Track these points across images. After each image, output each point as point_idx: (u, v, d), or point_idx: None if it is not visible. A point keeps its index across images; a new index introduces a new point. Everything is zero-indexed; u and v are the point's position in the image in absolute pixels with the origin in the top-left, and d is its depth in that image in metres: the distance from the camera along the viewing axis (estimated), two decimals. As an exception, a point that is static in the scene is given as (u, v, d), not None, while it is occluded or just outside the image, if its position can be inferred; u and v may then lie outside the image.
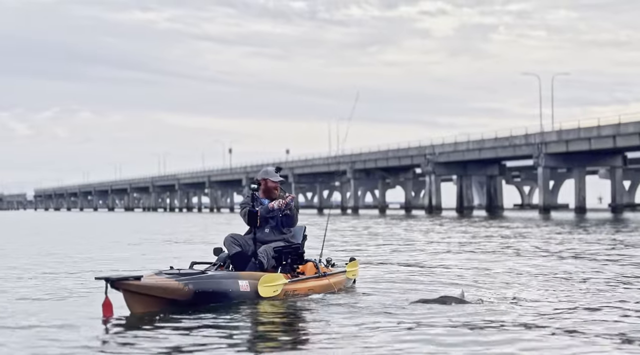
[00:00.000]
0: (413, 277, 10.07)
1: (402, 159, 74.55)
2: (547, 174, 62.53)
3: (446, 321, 6.21)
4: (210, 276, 6.94)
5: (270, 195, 8.05)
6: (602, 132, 55.60)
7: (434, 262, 13.10)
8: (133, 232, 30.77)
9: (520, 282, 9.49)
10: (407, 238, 21.63)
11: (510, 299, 7.65)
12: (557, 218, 48.22)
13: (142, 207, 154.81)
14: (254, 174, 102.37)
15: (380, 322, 6.14)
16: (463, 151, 68.02)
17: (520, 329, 5.93)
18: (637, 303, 7.49)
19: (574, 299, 7.73)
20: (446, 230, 27.86)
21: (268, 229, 7.94)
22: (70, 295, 8.24)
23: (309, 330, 5.87)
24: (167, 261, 10.94)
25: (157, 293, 6.43)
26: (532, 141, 61.35)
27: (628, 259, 13.20)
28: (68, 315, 6.61)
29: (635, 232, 24.90)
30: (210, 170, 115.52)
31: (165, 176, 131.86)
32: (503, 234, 24.10)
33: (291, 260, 7.89)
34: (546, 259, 13.37)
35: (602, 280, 9.64)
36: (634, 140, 54.19)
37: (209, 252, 8.38)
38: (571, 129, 58.38)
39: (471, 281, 9.47)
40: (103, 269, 11.83)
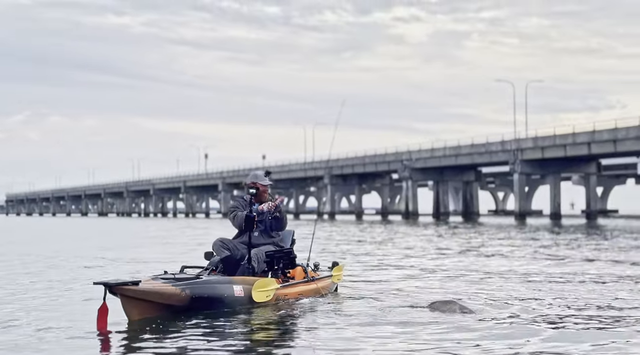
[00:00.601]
0: (405, 285, 10.13)
1: (379, 165, 74.83)
2: (522, 180, 63.12)
3: (435, 325, 6.29)
4: (206, 281, 6.91)
5: (260, 199, 8.06)
6: (577, 139, 56.23)
7: (427, 266, 13.21)
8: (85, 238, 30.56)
9: (510, 286, 9.60)
10: (411, 245, 21.72)
11: (501, 302, 7.76)
12: (536, 224, 48.64)
13: (116, 212, 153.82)
14: (230, 179, 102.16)
15: (370, 327, 6.20)
16: (440, 157, 68.43)
17: (511, 331, 6.03)
18: (626, 305, 7.64)
19: (569, 302, 7.85)
20: (441, 236, 28.01)
21: (257, 232, 7.93)
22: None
23: (302, 336, 5.86)
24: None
25: (155, 298, 6.39)
26: (508, 148, 61.89)
27: (623, 264, 13.41)
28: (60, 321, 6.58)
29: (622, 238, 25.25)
30: (185, 175, 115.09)
31: (140, 181, 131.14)
32: (506, 242, 24.29)
33: (283, 265, 7.90)
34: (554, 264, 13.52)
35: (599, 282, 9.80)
36: (608, 147, 54.89)
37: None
38: (547, 135, 58.98)
39: (459, 287, 9.52)
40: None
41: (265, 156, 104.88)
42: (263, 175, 8.18)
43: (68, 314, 7.02)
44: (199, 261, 8.68)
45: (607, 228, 37.70)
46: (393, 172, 75.94)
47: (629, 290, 9.02)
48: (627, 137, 52.89)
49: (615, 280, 10.25)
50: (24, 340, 5.68)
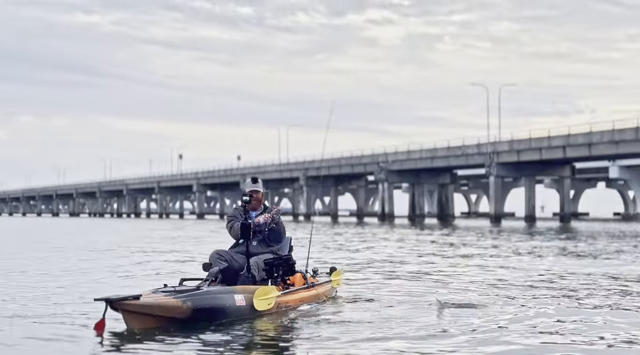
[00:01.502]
0: (402, 285, 10.18)
1: (355, 167, 75.02)
2: (498, 183, 63.65)
3: (437, 328, 6.37)
4: (207, 292, 6.88)
5: (254, 207, 8.02)
6: (552, 142, 56.83)
7: (421, 269, 13.33)
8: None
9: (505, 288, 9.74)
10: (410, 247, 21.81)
11: (498, 303, 7.88)
12: (513, 226, 49.10)
13: (88, 213, 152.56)
14: (205, 180, 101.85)
15: (373, 332, 6.25)
16: (416, 159, 68.78)
17: (511, 333, 6.11)
18: (615, 306, 7.80)
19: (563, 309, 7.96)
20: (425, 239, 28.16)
21: (255, 242, 7.89)
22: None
23: (305, 344, 5.87)
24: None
25: (156, 312, 6.37)
26: (484, 150, 62.38)
27: (612, 264, 13.62)
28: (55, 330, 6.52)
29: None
30: (160, 176, 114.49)
31: (113, 181, 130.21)
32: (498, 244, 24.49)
33: (282, 272, 7.86)
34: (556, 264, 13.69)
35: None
36: (583, 151, 55.55)
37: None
38: (523, 139, 59.53)
39: (458, 289, 9.60)
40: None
41: (240, 157, 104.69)
42: (251, 182, 8.11)
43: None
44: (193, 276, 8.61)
45: (585, 231, 38.17)
46: (369, 174, 76.19)
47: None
48: (601, 141, 53.57)
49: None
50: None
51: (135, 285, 9.84)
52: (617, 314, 6.98)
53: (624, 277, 11.32)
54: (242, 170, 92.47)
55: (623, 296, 8.84)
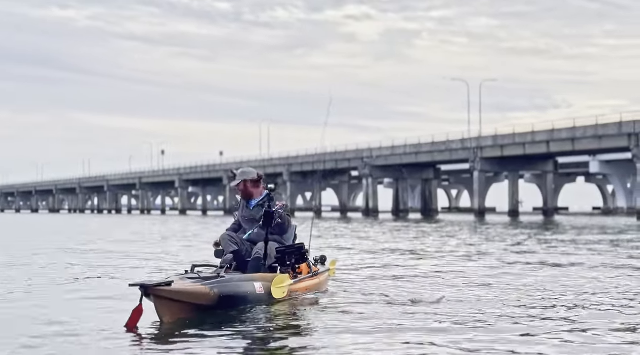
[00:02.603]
0: (395, 280, 10.23)
1: (340, 162, 75.19)
2: (482, 178, 64.10)
3: (430, 321, 6.43)
4: (230, 279, 6.92)
5: (251, 196, 8.02)
6: (536, 137, 57.32)
7: (411, 264, 13.49)
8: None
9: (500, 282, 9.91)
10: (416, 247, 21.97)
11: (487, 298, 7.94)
12: (500, 221, 49.48)
13: (68, 209, 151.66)
14: (187, 176, 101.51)
15: (376, 322, 6.33)
16: (400, 155, 69.06)
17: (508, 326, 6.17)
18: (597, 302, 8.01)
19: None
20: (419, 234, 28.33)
21: (256, 229, 7.87)
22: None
23: (317, 334, 5.88)
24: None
25: (187, 298, 6.39)
26: (468, 146, 62.78)
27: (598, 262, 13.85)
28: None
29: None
30: (141, 172, 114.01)
31: (93, 177, 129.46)
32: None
33: (295, 261, 7.88)
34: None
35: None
36: (566, 145, 56.11)
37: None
38: (506, 134, 59.98)
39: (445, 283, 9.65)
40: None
41: (222, 153, 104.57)
42: (252, 171, 8.13)
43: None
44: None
45: (579, 224, 38.59)
46: (353, 169, 76.39)
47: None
48: (584, 136, 54.15)
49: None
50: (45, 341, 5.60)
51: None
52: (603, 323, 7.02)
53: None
54: (225, 166, 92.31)
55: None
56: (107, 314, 6.75)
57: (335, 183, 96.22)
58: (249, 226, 7.95)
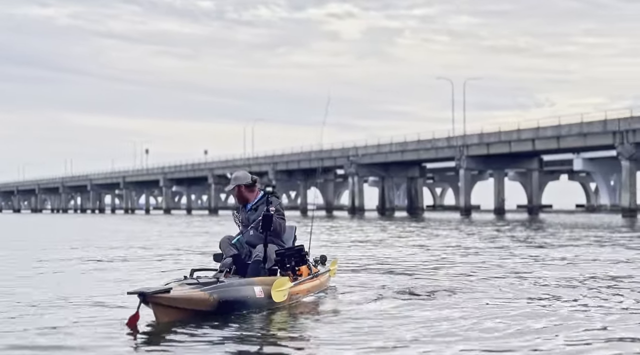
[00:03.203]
0: (390, 273, 10.29)
1: (326, 160, 75.18)
2: (468, 176, 64.32)
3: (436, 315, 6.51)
4: (230, 284, 6.87)
5: (246, 200, 7.99)
6: (522, 135, 57.59)
7: (408, 259, 13.51)
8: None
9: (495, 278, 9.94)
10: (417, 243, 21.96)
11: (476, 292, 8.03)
12: (486, 219, 49.65)
13: (50, 209, 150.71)
14: (172, 175, 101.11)
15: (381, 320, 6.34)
16: (386, 153, 69.16)
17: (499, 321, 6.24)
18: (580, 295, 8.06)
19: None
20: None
21: (252, 231, 7.84)
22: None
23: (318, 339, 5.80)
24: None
25: (186, 305, 6.37)
26: (454, 144, 62.97)
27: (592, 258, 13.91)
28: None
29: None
30: (125, 171, 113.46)
31: (76, 176, 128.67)
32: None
33: (295, 263, 7.86)
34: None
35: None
36: (552, 143, 56.42)
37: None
38: (492, 132, 60.21)
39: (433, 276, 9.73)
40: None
41: (207, 151, 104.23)
42: (246, 175, 8.04)
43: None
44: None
45: (582, 224, 38.76)
46: (339, 167, 76.39)
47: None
48: (569, 134, 54.46)
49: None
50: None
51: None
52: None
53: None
54: (210, 164, 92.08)
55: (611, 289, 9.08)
56: (105, 320, 6.66)
57: (320, 181, 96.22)
58: (244, 229, 7.89)
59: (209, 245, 18.09)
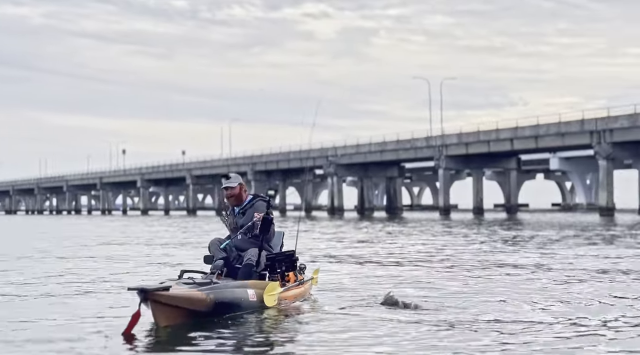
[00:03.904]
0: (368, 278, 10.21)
1: (304, 161, 75.12)
2: (447, 176, 64.57)
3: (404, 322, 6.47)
4: (225, 286, 6.87)
5: (237, 203, 7.95)
6: (500, 135, 57.93)
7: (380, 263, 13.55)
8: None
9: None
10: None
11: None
12: (465, 219, 49.87)
13: (25, 210, 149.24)
14: (149, 176, 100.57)
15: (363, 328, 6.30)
16: (365, 153, 69.26)
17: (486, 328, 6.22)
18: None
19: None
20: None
21: (240, 235, 7.80)
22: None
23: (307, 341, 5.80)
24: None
25: (184, 304, 6.35)
26: (433, 144, 63.21)
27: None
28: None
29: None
30: (102, 172, 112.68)
31: (52, 177, 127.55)
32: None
33: (285, 268, 7.86)
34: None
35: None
36: (530, 143, 56.80)
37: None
38: (471, 132, 60.50)
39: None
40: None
41: (184, 152, 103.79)
42: (233, 176, 8.02)
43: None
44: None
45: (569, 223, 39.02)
46: (318, 167, 76.39)
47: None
48: (547, 134, 54.86)
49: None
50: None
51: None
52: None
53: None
54: (189, 165, 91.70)
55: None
56: (104, 319, 6.67)
57: (297, 182, 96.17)
58: (233, 233, 7.86)
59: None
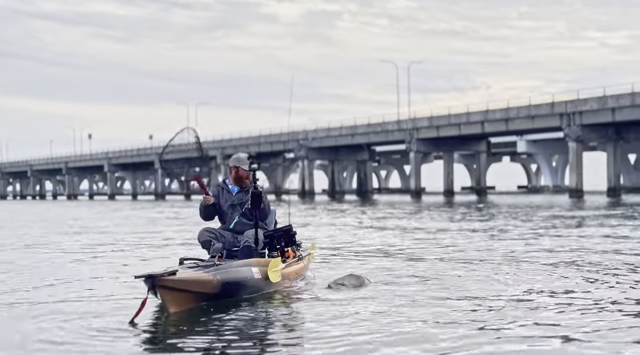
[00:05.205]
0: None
1: (275, 144, 75.06)
2: (419, 159, 64.93)
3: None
4: (230, 266, 6.83)
5: (241, 184, 7.86)
6: (471, 118, 58.40)
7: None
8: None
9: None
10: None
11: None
12: (437, 201, 50.24)
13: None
14: (117, 160, 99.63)
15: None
16: (336, 136, 69.39)
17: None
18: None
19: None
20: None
21: (237, 217, 7.76)
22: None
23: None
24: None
25: (192, 287, 6.28)
26: (405, 127, 63.51)
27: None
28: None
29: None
30: (67, 156, 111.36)
31: (15, 162, 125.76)
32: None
33: (284, 243, 7.83)
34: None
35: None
36: (500, 126, 57.36)
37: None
38: (442, 115, 60.90)
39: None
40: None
41: (152, 136, 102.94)
42: (246, 158, 7.87)
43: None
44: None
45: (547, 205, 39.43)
46: (288, 151, 76.34)
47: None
48: (518, 116, 55.43)
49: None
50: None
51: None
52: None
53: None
54: (157, 149, 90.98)
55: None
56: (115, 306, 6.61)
57: (265, 165, 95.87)
58: (230, 211, 7.80)
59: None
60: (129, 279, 8.07)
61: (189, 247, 12.37)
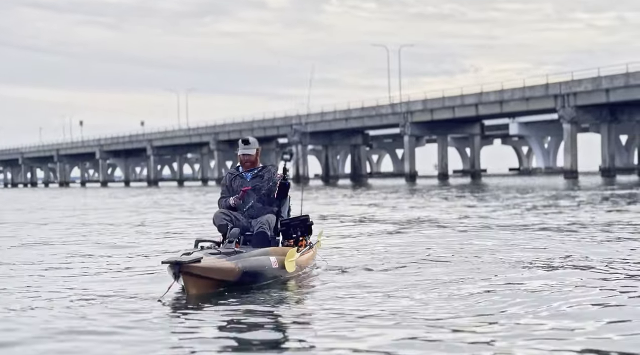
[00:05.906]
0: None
1: (268, 130, 74.93)
2: (413, 142, 64.97)
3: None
4: (250, 254, 6.89)
5: (250, 167, 7.80)
6: (465, 101, 58.42)
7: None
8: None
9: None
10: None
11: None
12: (433, 184, 50.31)
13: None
14: (109, 147, 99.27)
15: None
16: (330, 121, 69.30)
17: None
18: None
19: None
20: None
21: (252, 201, 7.67)
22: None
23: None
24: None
25: (216, 275, 6.39)
26: (399, 110, 63.49)
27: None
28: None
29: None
30: (59, 144, 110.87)
31: (6, 150, 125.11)
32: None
33: (300, 233, 7.85)
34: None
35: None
36: (495, 108, 57.42)
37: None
38: (436, 98, 60.89)
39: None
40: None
41: (143, 123, 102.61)
42: (242, 142, 7.83)
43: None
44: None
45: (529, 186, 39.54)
46: (282, 136, 76.26)
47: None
48: (512, 98, 55.49)
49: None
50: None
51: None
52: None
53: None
54: (149, 135, 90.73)
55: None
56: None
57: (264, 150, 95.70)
58: (245, 196, 7.67)
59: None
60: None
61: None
